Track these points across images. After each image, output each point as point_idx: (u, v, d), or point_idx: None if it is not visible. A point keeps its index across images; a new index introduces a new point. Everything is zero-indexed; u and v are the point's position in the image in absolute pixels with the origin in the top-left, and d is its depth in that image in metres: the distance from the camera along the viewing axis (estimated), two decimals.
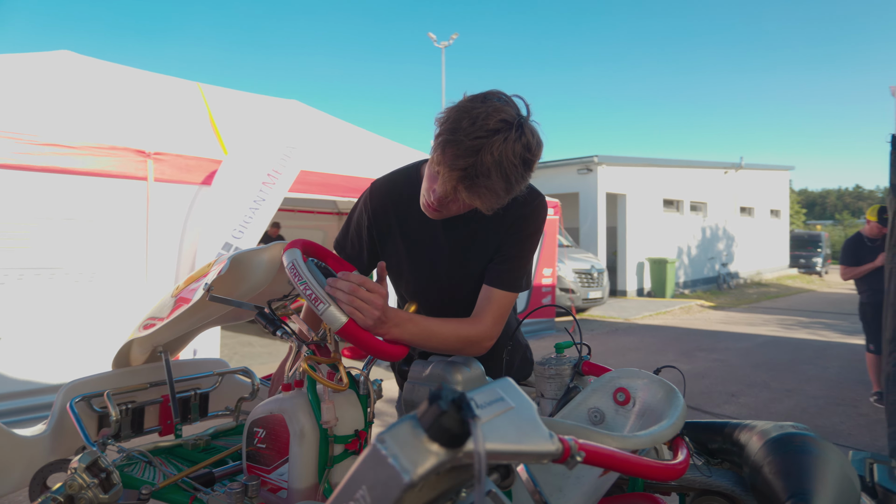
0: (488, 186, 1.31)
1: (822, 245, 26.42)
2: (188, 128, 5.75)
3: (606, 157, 15.11)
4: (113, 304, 4.70)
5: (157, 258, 4.93)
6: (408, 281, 1.70)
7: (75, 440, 1.92)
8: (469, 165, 1.29)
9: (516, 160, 1.30)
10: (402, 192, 1.66)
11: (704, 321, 11.65)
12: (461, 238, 1.61)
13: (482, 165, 1.28)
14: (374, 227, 1.69)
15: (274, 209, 5.48)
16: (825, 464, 1.09)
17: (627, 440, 1.01)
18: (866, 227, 5.61)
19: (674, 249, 17.49)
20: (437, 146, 1.33)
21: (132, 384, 2.04)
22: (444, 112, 1.35)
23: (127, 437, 1.98)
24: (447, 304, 1.65)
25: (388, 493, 0.63)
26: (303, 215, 10.53)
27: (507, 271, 1.56)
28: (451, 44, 23.88)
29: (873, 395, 5.55)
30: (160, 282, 4.93)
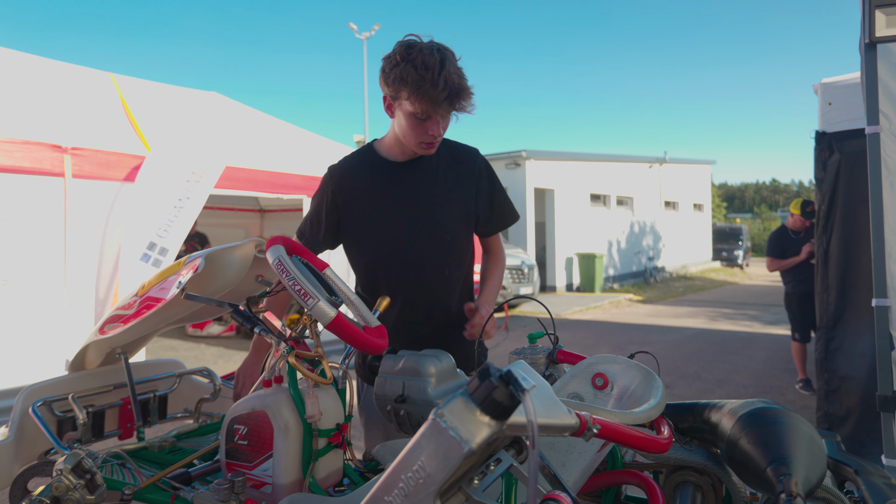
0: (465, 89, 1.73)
1: (743, 238, 28.03)
2: (105, 121, 5.54)
3: (534, 152, 15.47)
4: (29, 307, 4.51)
5: (76, 259, 4.75)
6: (388, 237, 1.90)
7: (37, 446, 1.89)
8: (450, 92, 1.68)
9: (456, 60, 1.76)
10: (362, 162, 1.97)
11: (633, 315, 12.19)
12: (429, 184, 1.91)
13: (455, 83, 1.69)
14: (336, 203, 1.93)
15: (199, 207, 5.38)
16: (797, 432, 1.25)
17: (626, 416, 1.13)
18: (790, 220, 6.03)
19: (602, 244, 18.13)
20: (416, 98, 1.69)
21: (91, 387, 2.02)
22: (392, 71, 1.72)
23: (88, 442, 1.97)
24: (428, 248, 1.90)
25: (448, 461, 0.71)
26: (224, 213, 10.28)
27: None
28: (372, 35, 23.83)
29: (798, 382, 5.98)
30: (80, 283, 4.76)
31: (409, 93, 1.70)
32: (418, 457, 0.73)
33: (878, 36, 2.37)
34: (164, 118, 6.32)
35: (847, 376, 3.91)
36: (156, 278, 1.78)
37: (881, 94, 2.54)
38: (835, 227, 4.00)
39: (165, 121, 6.25)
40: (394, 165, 1.94)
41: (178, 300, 1.62)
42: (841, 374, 3.94)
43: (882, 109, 2.54)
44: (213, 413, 2.23)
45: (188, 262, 1.68)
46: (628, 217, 19.91)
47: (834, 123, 4.04)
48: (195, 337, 8.79)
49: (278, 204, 10.33)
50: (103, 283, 4.93)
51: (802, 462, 1.17)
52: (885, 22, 2.31)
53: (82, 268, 4.80)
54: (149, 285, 1.76)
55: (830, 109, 4.09)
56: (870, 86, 2.53)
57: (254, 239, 1.81)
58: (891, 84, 2.54)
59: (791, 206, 6.10)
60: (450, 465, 0.71)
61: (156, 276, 1.79)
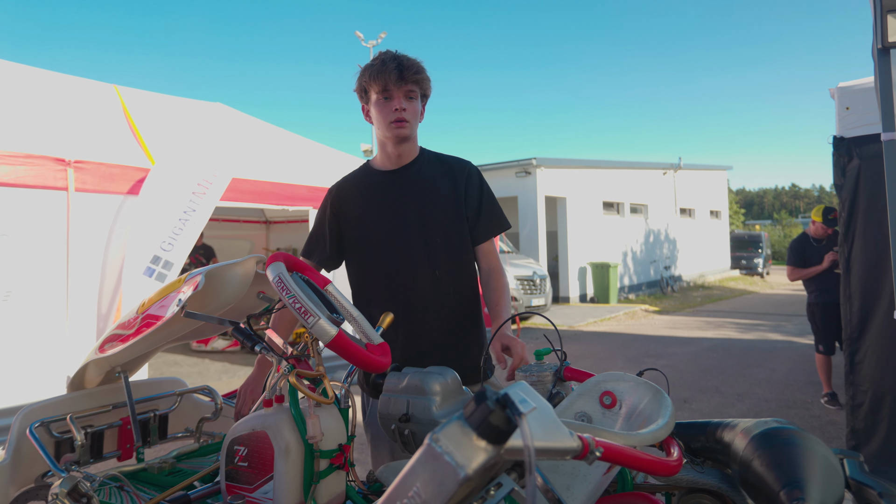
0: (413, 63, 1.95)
1: (763, 245, 27.60)
2: (109, 134, 5.60)
3: (545, 160, 15.43)
4: (31, 323, 4.54)
5: (78, 273, 4.79)
6: (381, 244, 2.02)
7: (34, 468, 1.89)
8: (398, 65, 1.91)
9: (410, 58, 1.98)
10: (357, 180, 2.13)
11: (650, 326, 12.09)
12: (417, 188, 2.04)
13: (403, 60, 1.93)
14: (335, 218, 2.09)
15: (205, 219, 5.42)
16: (812, 454, 1.23)
17: (632, 437, 1.12)
18: (811, 228, 5.95)
19: (616, 253, 18.01)
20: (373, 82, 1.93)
21: (90, 407, 2.03)
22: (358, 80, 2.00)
23: (85, 463, 1.97)
24: (419, 252, 2.00)
25: (444, 488, 0.71)
26: (230, 225, 10.35)
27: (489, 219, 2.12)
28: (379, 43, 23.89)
29: (824, 396, 5.86)
30: (82, 299, 4.80)
31: (367, 82, 1.96)
32: (413, 483, 0.73)
33: (891, 41, 2.36)
34: (168, 130, 6.38)
35: (872, 391, 3.84)
36: (156, 296, 1.79)
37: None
38: (856, 235, 3.94)
39: (170, 132, 6.31)
40: (384, 175, 2.08)
41: (178, 318, 1.63)
42: (864, 388, 3.88)
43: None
44: (214, 433, 2.23)
45: (188, 279, 1.69)
46: (643, 225, 19.80)
47: (852, 128, 4.00)
48: (199, 352, 8.82)
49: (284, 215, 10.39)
50: (106, 299, 4.97)
51: (817, 485, 1.16)
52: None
53: (85, 283, 4.84)
54: (149, 303, 1.78)
55: (848, 114, 4.05)
56: (884, 91, 2.52)
57: (255, 255, 1.82)
58: None
59: (812, 213, 6.03)
60: (446, 491, 0.71)
61: (156, 293, 1.81)
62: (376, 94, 1.95)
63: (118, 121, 6.00)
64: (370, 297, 2.05)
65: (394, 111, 1.94)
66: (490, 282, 2.08)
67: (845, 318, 4.01)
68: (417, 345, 1.99)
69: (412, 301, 1.99)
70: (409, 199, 2.03)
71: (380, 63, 1.93)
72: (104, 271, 4.95)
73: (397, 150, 2.03)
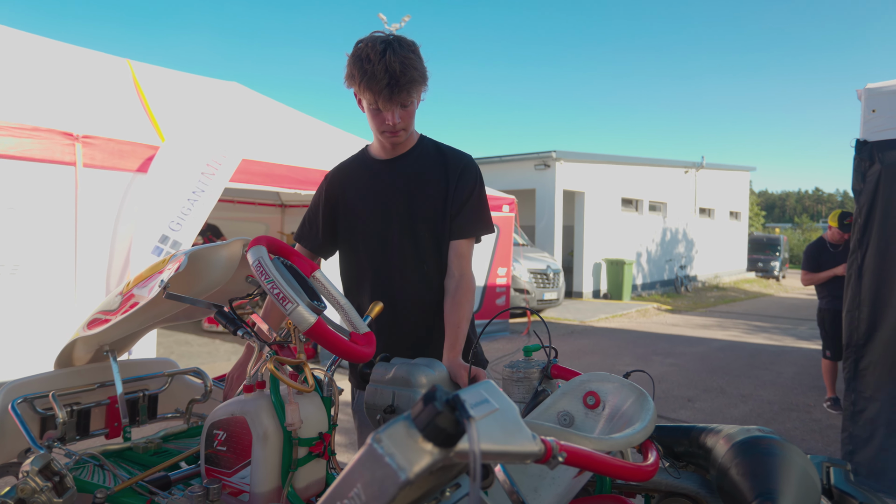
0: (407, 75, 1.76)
1: (781, 249, 27.38)
2: (119, 109, 5.59)
3: (565, 153, 15.32)
4: (38, 297, 4.55)
5: (86, 250, 4.79)
6: (370, 233, 1.99)
7: (16, 444, 1.90)
8: (389, 80, 1.74)
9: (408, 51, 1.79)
10: (353, 167, 2.09)
11: (661, 325, 12.03)
12: (410, 180, 1.98)
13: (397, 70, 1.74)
14: (329, 203, 2.05)
15: (214, 200, 5.41)
16: (789, 465, 1.21)
17: (603, 442, 1.09)
18: (828, 233, 5.90)
19: (631, 250, 17.91)
20: (363, 91, 1.79)
21: (77, 385, 2.03)
22: (347, 68, 1.82)
23: (72, 440, 1.97)
24: (406, 243, 1.96)
25: (384, 491, 0.69)
26: (244, 207, 10.35)
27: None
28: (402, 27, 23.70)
29: (827, 400, 5.87)
30: (90, 275, 4.81)
31: (357, 86, 1.81)
32: (354, 483, 0.71)
33: None
34: (181, 108, 6.35)
35: (874, 397, 3.84)
36: (143, 274, 1.78)
37: None
38: (871, 242, 3.90)
39: (182, 110, 6.28)
40: (380, 163, 2.04)
41: (161, 299, 1.62)
42: (867, 395, 3.88)
43: None
44: (204, 414, 2.23)
45: (172, 259, 1.68)
46: (660, 223, 19.64)
47: (877, 132, 3.92)
48: (211, 332, 8.89)
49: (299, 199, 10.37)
50: (114, 276, 4.98)
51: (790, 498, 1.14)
52: None
53: (93, 260, 4.84)
54: (134, 282, 1.77)
55: (874, 117, 3.97)
56: None
57: (241, 238, 1.81)
58: None
59: (829, 217, 5.98)
60: (386, 494, 0.69)
61: (143, 272, 1.80)
62: (366, 101, 1.83)
63: (130, 96, 5.97)
64: (359, 286, 2.03)
65: (385, 123, 1.86)
66: (456, 292, 1.89)
67: (851, 324, 4.00)
68: (403, 337, 1.97)
69: (400, 293, 1.97)
70: (398, 190, 1.99)
71: (370, 73, 1.74)
72: (113, 248, 4.96)
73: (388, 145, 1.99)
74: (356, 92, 1.85)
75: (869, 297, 3.90)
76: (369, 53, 1.76)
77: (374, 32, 1.85)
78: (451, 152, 2.06)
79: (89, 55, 6.64)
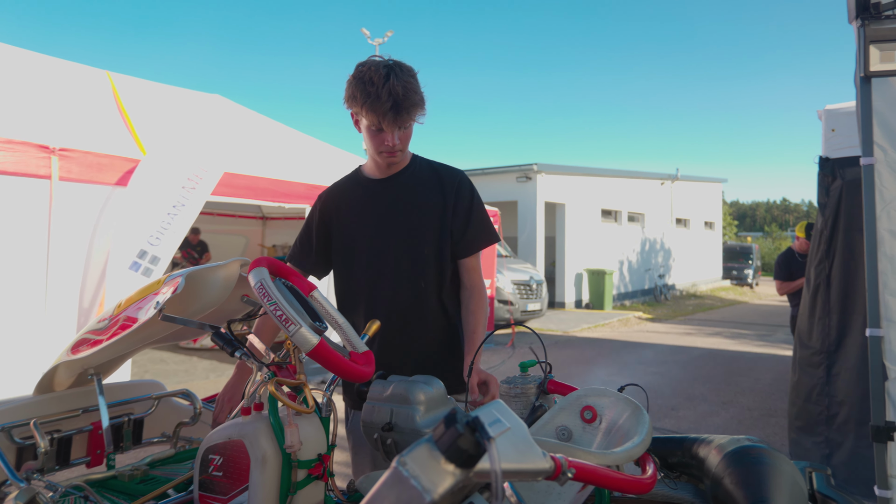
0: (410, 99, 1.83)
1: (753, 257, 28.16)
2: (98, 122, 5.51)
3: (546, 166, 15.52)
4: (8, 317, 4.43)
5: (60, 266, 4.69)
6: (367, 251, 2.02)
7: None
8: (394, 104, 1.80)
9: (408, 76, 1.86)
10: (347, 186, 2.12)
11: (642, 333, 12.17)
12: (407, 198, 2.02)
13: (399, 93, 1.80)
14: (324, 223, 2.08)
15: (194, 214, 5.38)
16: (779, 473, 1.27)
17: (606, 456, 1.12)
18: (796, 243, 6.16)
19: (612, 260, 18.13)
20: (365, 112, 1.83)
21: (58, 411, 1.95)
22: (348, 90, 1.88)
23: (51, 471, 1.88)
24: (404, 260, 1.99)
25: None
26: (225, 219, 10.28)
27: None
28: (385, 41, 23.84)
29: None
30: (63, 292, 4.70)
31: (359, 107, 1.85)
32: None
33: (872, 70, 2.46)
34: (162, 120, 6.27)
35: (846, 402, 4.00)
36: (135, 296, 1.76)
37: (876, 126, 2.63)
38: (837, 253, 4.11)
39: (164, 123, 6.21)
40: (374, 182, 2.06)
41: (156, 321, 1.61)
42: (840, 400, 4.04)
43: (877, 141, 2.62)
44: (192, 438, 2.14)
45: (168, 280, 1.67)
46: (639, 233, 19.93)
47: (837, 150, 4.16)
48: (187, 349, 8.73)
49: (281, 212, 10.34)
50: (88, 293, 4.88)
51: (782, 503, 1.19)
52: (880, 57, 2.42)
53: (66, 276, 4.74)
54: (126, 303, 1.75)
55: (834, 136, 4.23)
56: (865, 118, 2.62)
57: (239, 259, 1.80)
58: (886, 116, 2.62)
59: (797, 228, 6.24)
60: None
61: (135, 293, 1.78)
62: (367, 122, 1.88)
63: (109, 109, 5.88)
64: (355, 304, 2.04)
65: (385, 145, 1.91)
66: (470, 302, 2.03)
67: (822, 332, 4.17)
68: (400, 354, 1.98)
69: (397, 310, 1.98)
70: (396, 209, 2.02)
71: (374, 95, 1.81)
72: (88, 264, 4.87)
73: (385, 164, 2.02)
74: (355, 113, 1.90)
75: (837, 305, 4.09)
76: (372, 77, 1.82)
77: (373, 57, 1.91)
78: (445, 169, 2.11)
79: (67, 66, 6.51)
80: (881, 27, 2.44)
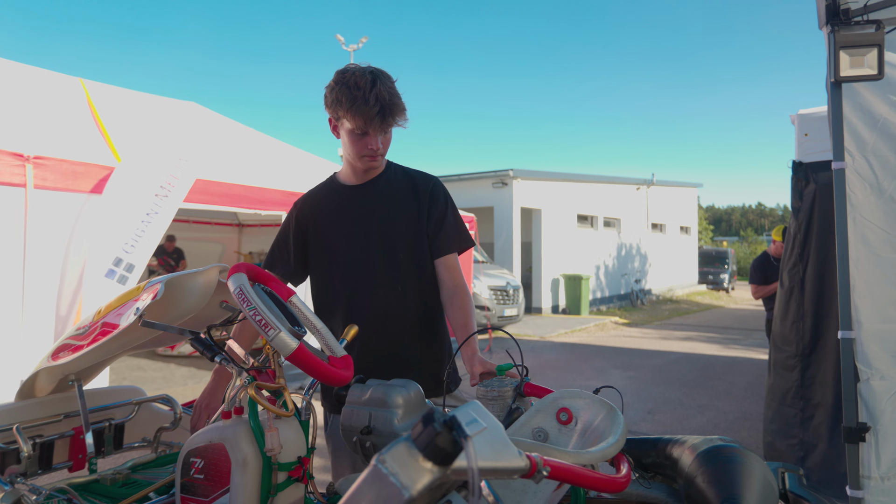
0: (396, 105, 1.89)
1: (729, 261, 28.43)
2: (73, 129, 5.47)
3: (522, 171, 15.62)
4: None
5: (36, 274, 4.66)
6: (344, 257, 2.04)
7: None
8: (381, 107, 1.84)
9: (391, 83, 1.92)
10: (323, 193, 2.15)
11: (619, 338, 12.28)
12: (382, 204, 2.06)
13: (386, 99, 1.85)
14: (300, 231, 2.10)
15: (168, 221, 5.37)
16: (750, 471, 1.31)
17: (581, 456, 1.15)
18: (772, 247, 6.19)
19: (589, 265, 18.27)
20: (351, 116, 1.86)
21: (40, 416, 1.99)
22: (330, 95, 1.90)
23: (33, 475, 1.92)
24: (381, 266, 2.02)
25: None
26: (201, 227, 10.23)
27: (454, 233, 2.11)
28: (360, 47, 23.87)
29: None
30: (39, 300, 4.67)
31: (344, 111, 1.87)
32: (361, 502, 0.75)
33: (842, 76, 2.50)
34: (137, 128, 6.23)
35: (821, 404, 4.04)
36: (114, 302, 1.78)
37: (846, 131, 2.68)
38: (810, 256, 4.14)
39: (138, 131, 6.17)
40: (350, 189, 2.09)
41: (136, 327, 1.63)
42: (815, 402, 4.07)
43: (847, 146, 2.67)
44: (173, 443, 2.20)
45: (148, 286, 1.69)
46: (615, 239, 20.11)
47: (810, 154, 4.20)
48: (165, 356, 8.68)
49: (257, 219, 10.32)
50: (65, 300, 4.86)
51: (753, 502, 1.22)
52: (850, 62, 2.45)
53: (42, 284, 4.71)
54: (106, 310, 1.76)
55: (806, 140, 4.27)
56: (835, 123, 2.67)
57: (218, 265, 1.82)
58: (855, 122, 2.67)
59: (773, 232, 6.28)
60: None
61: (114, 300, 1.79)
62: (351, 125, 1.91)
63: (83, 116, 5.84)
64: (333, 310, 2.06)
65: (368, 149, 1.94)
66: (455, 299, 2.05)
67: (797, 334, 4.19)
68: (378, 358, 2.01)
69: (374, 314, 2.01)
70: (372, 214, 2.05)
71: (361, 100, 1.84)
72: (64, 272, 4.84)
73: (364, 169, 2.05)
74: (337, 117, 1.93)
75: (811, 308, 4.11)
76: (358, 81, 1.85)
77: (353, 64, 1.95)
78: (419, 175, 2.16)
79: (40, 74, 6.46)
80: (851, 33, 2.49)
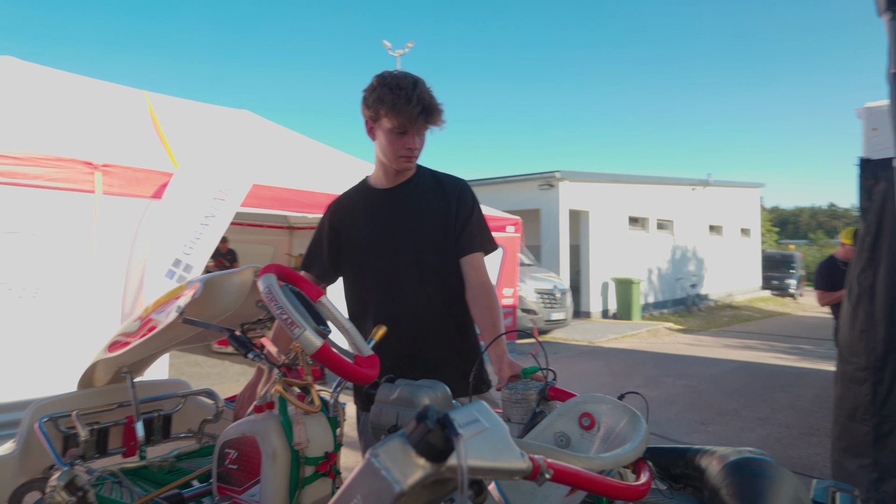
0: (435, 106, 1.97)
1: (796, 266, 26.85)
2: (136, 139, 5.78)
3: (569, 173, 15.42)
4: (58, 320, 4.69)
5: (104, 273, 4.94)
6: (375, 258, 2.10)
7: (42, 460, 2.01)
8: (423, 108, 1.93)
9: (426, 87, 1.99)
10: (355, 197, 2.22)
11: (673, 345, 11.98)
12: (412, 207, 2.11)
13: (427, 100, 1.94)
14: (333, 233, 2.17)
15: (225, 225, 5.55)
16: (778, 487, 1.26)
17: (592, 461, 1.15)
18: (840, 251, 5.83)
19: (641, 269, 17.89)
20: (393, 114, 1.93)
21: (97, 405, 2.14)
22: (371, 95, 1.98)
23: (91, 458, 2.07)
24: (410, 267, 2.07)
25: (381, 501, 0.76)
26: (253, 229, 10.54)
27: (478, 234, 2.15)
28: (406, 52, 24.07)
29: None
30: (107, 298, 4.95)
31: (386, 110, 1.94)
32: (354, 494, 0.78)
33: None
34: (193, 135, 6.54)
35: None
36: (160, 300, 1.88)
37: None
38: (881, 260, 3.79)
39: (195, 138, 6.47)
40: (381, 192, 2.15)
41: (177, 324, 1.71)
42: (891, 420, 3.68)
43: None
44: (216, 434, 2.32)
45: (188, 285, 1.78)
46: (669, 241, 19.63)
47: (879, 150, 3.87)
48: (220, 353, 9.00)
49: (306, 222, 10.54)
50: (129, 299, 5.12)
51: None
52: None
53: (110, 283, 4.99)
54: (152, 307, 1.87)
55: (875, 135, 3.94)
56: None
57: (252, 266, 1.90)
58: None
59: (842, 235, 5.91)
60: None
61: (160, 298, 1.90)
62: (391, 125, 1.97)
63: (146, 126, 6.18)
64: (363, 311, 2.12)
65: (406, 148, 2.01)
66: (481, 298, 2.05)
67: (868, 345, 3.82)
68: (408, 359, 2.05)
69: (403, 315, 2.06)
70: (402, 217, 2.11)
71: (404, 99, 1.92)
72: (128, 272, 5.10)
73: (396, 171, 2.11)
74: (377, 117, 2.00)
75: (884, 317, 3.75)
76: (399, 83, 1.95)
77: (389, 70, 2.02)
78: (447, 178, 2.22)
79: (108, 88, 6.94)
80: None
